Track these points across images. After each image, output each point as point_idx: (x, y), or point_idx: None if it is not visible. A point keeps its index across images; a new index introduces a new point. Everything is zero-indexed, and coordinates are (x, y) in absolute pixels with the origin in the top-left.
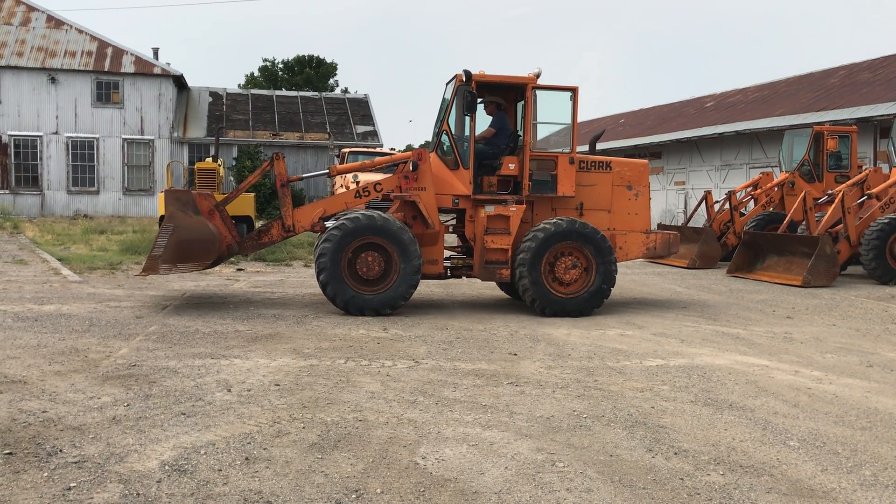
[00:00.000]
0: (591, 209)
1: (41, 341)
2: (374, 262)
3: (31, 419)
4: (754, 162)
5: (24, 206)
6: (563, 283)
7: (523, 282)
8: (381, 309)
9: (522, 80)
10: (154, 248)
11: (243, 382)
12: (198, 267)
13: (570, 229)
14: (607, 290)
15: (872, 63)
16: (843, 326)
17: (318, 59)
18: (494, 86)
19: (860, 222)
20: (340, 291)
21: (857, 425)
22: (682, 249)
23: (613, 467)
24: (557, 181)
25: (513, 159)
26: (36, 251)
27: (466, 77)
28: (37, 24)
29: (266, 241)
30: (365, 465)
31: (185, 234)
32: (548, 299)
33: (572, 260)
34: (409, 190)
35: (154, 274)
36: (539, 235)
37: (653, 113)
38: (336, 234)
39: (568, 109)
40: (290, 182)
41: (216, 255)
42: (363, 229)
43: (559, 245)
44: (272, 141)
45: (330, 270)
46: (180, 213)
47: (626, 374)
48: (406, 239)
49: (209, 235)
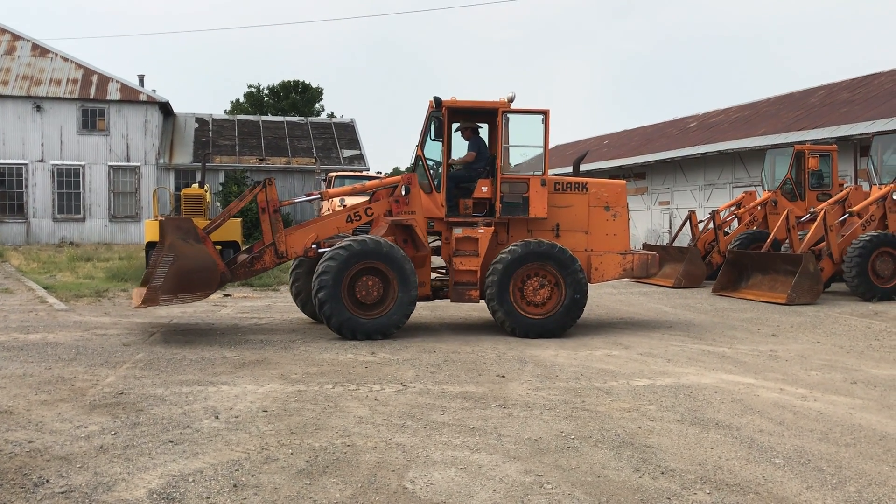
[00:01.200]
0: (567, 230)
1: (27, 370)
2: (373, 286)
3: (17, 449)
4: (737, 181)
5: (9, 234)
6: (536, 304)
7: (495, 312)
8: (373, 334)
9: (493, 105)
10: (153, 278)
11: (231, 409)
12: (199, 297)
13: (525, 252)
14: (581, 300)
15: (851, 83)
16: (828, 343)
17: (304, 85)
18: (467, 111)
19: (842, 240)
20: (337, 312)
21: (841, 442)
22: (667, 269)
23: (601, 488)
24: (529, 203)
25: (486, 182)
26: (21, 279)
27: (437, 103)
28: (22, 53)
29: (258, 268)
30: (354, 490)
31: (186, 264)
32: (521, 322)
33: (539, 280)
34: (401, 213)
35: (154, 305)
36: (498, 266)
37: (636, 134)
38: (342, 255)
39: (540, 132)
40: (281, 207)
41: (217, 284)
42: (370, 253)
43: (522, 269)
44: (259, 166)
45: (330, 289)
46: (181, 241)
47: (613, 395)
48: (408, 269)
49: (211, 264)
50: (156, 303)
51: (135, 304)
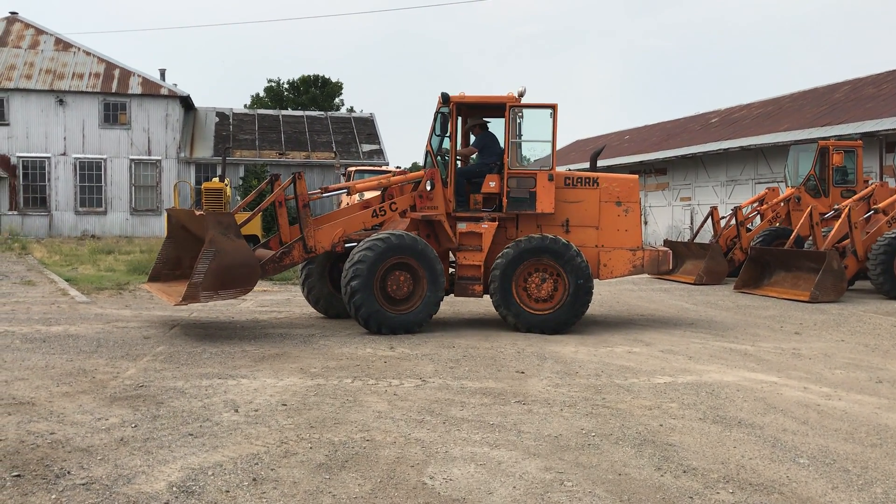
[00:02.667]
0: (577, 226)
1: (49, 362)
2: (405, 282)
3: (39, 441)
4: (760, 177)
5: (32, 226)
6: (542, 299)
7: (505, 316)
8: (398, 329)
9: (500, 100)
10: (194, 274)
11: (250, 402)
12: (240, 293)
13: (518, 252)
14: (586, 284)
15: (877, 77)
16: (852, 342)
17: (324, 79)
18: (475, 106)
19: (867, 237)
20: (367, 303)
21: (867, 442)
22: (688, 265)
23: (622, 486)
24: (536, 198)
25: (494, 177)
26: (44, 272)
27: (444, 99)
28: (45, 47)
29: (287, 263)
30: (373, 486)
31: (227, 260)
32: (530, 320)
33: (540, 275)
34: (425, 209)
35: (195, 302)
36: (496, 271)
37: (657, 129)
38: (380, 246)
39: (548, 126)
40: (311, 202)
41: (257, 280)
42: (405, 248)
43: (521, 268)
44: (278, 160)
45: (364, 279)
46: (222, 236)
47: (634, 392)
48: (439, 269)
49: (252, 260)
50: (196, 300)
51: (174, 303)
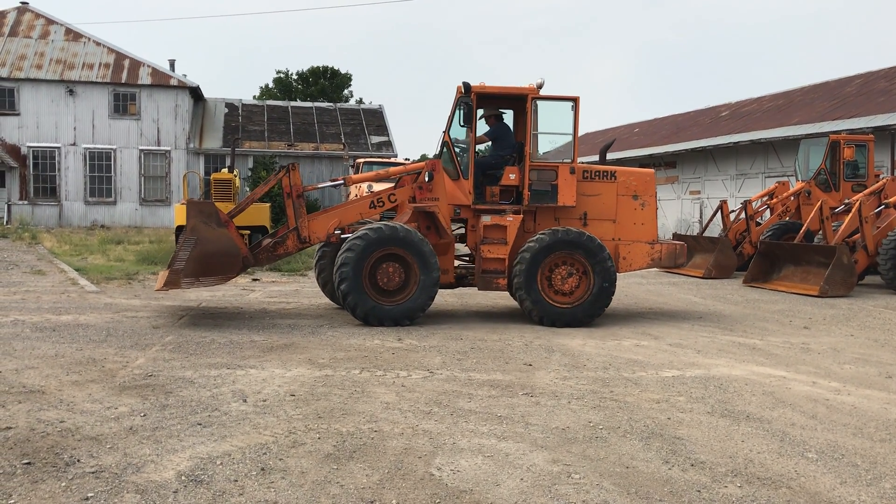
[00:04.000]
0: (595, 219)
1: (59, 351)
2: (394, 273)
3: (49, 429)
4: (770, 171)
5: (42, 216)
6: (564, 292)
7: (523, 301)
8: (401, 320)
9: (522, 91)
10: (175, 261)
11: (259, 393)
12: (221, 281)
13: (553, 241)
14: (610, 289)
15: (889, 72)
16: (861, 337)
17: (333, 70)
18: (495, 97)
19: (877, 232)
20: (361, 302)
21: (876, 437)
22: (697, 259)
23: (629, 479)
24: (558, 191)
25: (514, 169)
26: (54, 261)
27: (465, 89)
28: (55, 38)
29: (281, 253)
30: (380, 476)
31: (208, 248)
32: (543, 307)
33: (567, 269)
34: (424, 200)
35: (176, 288)
36: (526, 255)
37: (667, 122)
38: (359, 244)
39: (569, 119)
40: (305, 192)
41: (239, 268)
42: (386, 240)
43: (550, 258)
44: (287, 152)
45: (352, 280)
46: (203, 225)
47: (641, 385)
48: (427, 251)
49: (233, 248)
50: (177, 286)
51: (157, 287)
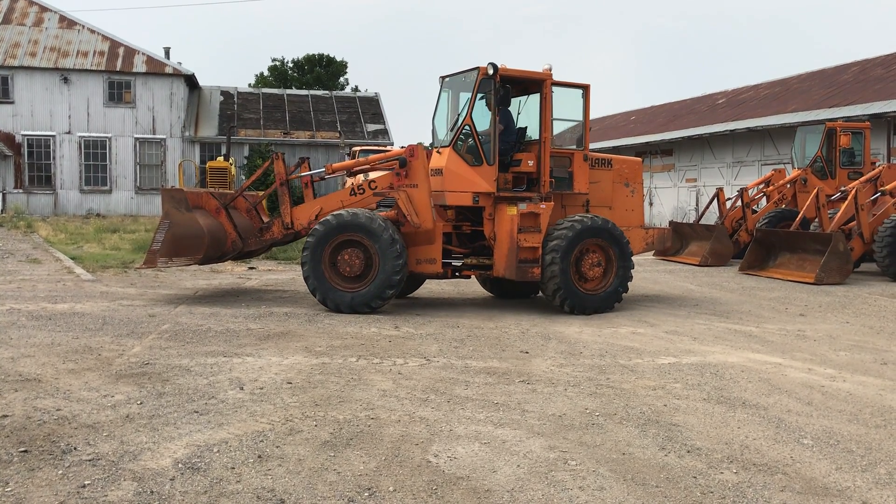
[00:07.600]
0: (595, 206)
1: (55, 340)
2: (351, 258)
3: (45, 417)
4: (766, 159)
5: (37, 205)
6: (587, 279)
7: (553, 276)
8: (359, 308)
9: (541, 76)
10: (153, 242)
11: (256, 381)
12: (190, 261)
13: (602, 227)
14: (621, 294)
15: (885, 59)
16: (857, 324)
17: (328, 58)
18: (514, 80)
19: (873, 219)
20: (320, 286)
21: (871, 423)
22: (693, 247)
23: (626, 465)
24: (573, 178)
25: (530, 156)
26: (49, 250)
27: (493, 70)
28: (49, 25)
29: (268, 239)
30: (377, 463)
31: (178, 231)
32: (573, 295)
33: (597, 257)
34: (401, 187)
35: (153, 267)
36: (569, 234)
37: (664, 110)
38: (319, 230)
39: (580, 106)
40: (289, 180)
41: (205, 250)
42: (344, 226)
43: (587, 241)
44: (283, 140)
45: (311, 264)
46: (174, 210)
47: (638, 373)
48: (385, 238)
49: (198, 231)
50: (154, 264)
51: (137, 266)
